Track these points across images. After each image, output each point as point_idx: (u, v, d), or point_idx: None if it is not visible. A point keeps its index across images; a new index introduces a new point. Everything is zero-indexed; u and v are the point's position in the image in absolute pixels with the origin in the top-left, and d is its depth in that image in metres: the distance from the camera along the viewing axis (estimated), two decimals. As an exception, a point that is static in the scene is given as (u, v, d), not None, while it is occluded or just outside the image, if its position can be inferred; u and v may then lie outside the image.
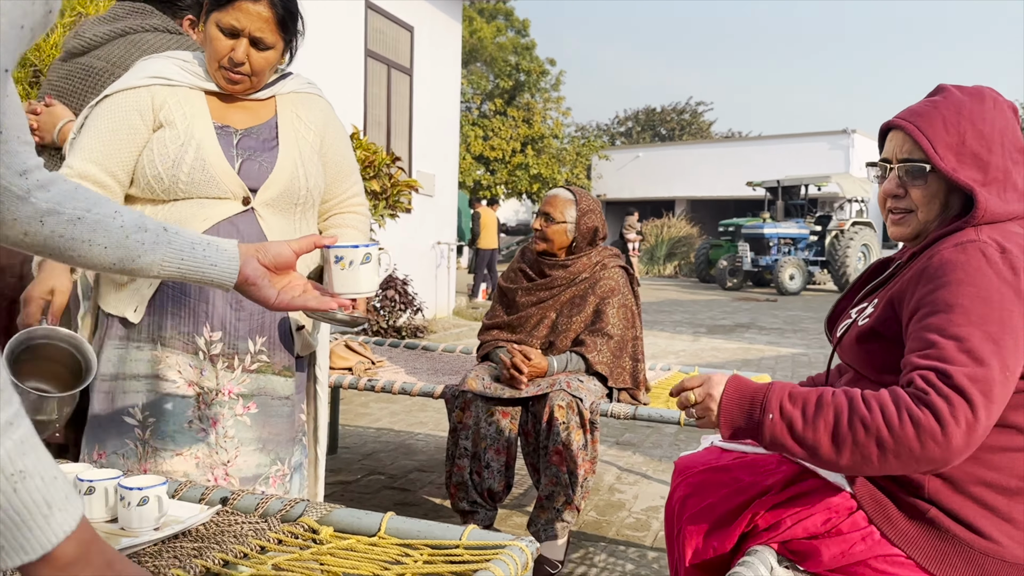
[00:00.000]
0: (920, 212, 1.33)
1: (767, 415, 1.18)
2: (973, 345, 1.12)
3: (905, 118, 1.32)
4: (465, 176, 19.02)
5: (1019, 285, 1.16)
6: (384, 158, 5.61)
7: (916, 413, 1.10)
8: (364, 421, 4.65)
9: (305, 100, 1.79)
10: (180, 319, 1.66)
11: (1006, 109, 1.31)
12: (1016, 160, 1.28)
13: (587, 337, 2.66)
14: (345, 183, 1.85)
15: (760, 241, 17.72)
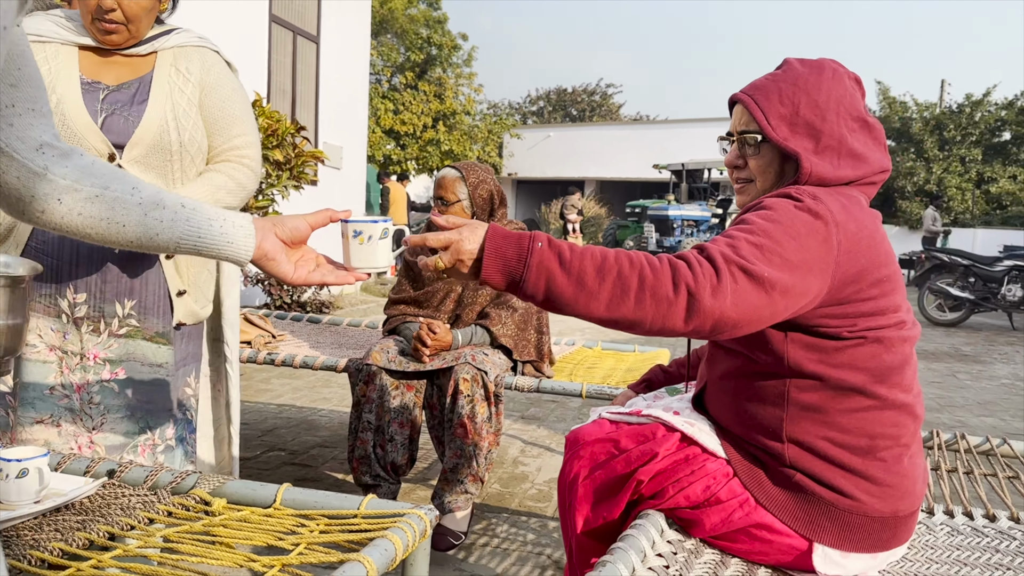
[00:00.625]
0: (758, 181, 1.39)
1: (536, 243, 1.16)
2: (739, 242, 1.16)
3: (745, 91, 1.39)
4: (374, 150, 18.70)
5: (815, 225, 1.19)
6: (288, 127, 5.46)
7: (675, 261, 1.14)
8: (265, 397, 4.55)
9: (188, 53, 1.73)
10: (41, 280, 1.61)
11: (845, 79, 1.36)
12: (852, 128, 1.34)
13: (492, 310, 2.68)
14: (226, 133, 1.76)
15: (665, 223, 18.16)
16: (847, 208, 1.26)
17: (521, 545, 2.60)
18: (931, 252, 10.12)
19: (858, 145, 1.34)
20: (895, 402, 1.29)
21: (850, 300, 1.25)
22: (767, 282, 1.15)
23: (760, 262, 1.15)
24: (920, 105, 21.43)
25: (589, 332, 7.85)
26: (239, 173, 1.75)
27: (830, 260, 1.21)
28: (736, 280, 1.13)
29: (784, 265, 1.17)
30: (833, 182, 1.32)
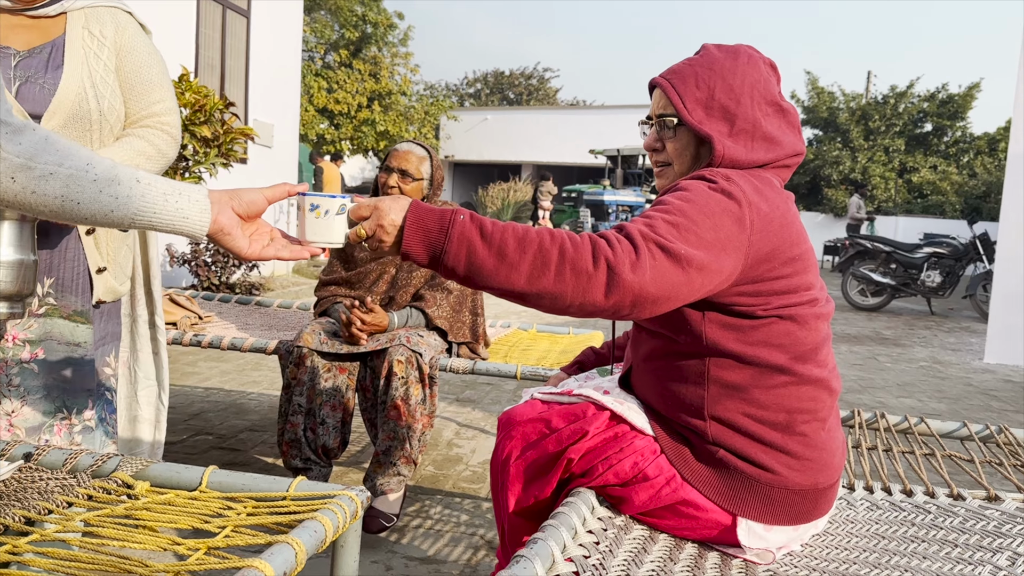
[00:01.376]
0: (675, 163, 1.43)
1: (458, 215, 1.16)
2: (656, 222, 1.18)
3: (664, 76, 1.42)
4: (307, 129, 18.33)
5: (729, 205, 1.23)
6: (216, 103, 5.29)
7: (595, 237, 1.16)
8: (191, 380, 4.44)
9: (100, 15, 1.65)
10: None
11: (761, 64, 1.40)
12: (766, 112, 1.38)
13: (427, 292, 2.66)
14: (144, 99, 1.69)
15: (600, 207, 18.36)
16: (760, 190, 1.29)
17: (454, 526, 2.60)
18: (854, 239, 10.48)
19: (772, 129, 1.38)
20: (811, 377, 1.33)
21: (763, 278, 1.28)
22: (684, 259, 1.17)
23: (677, 240, 1.17)
24: (847, 95, 22.11)
25: (525, 316, 7.88)
26: (159, 140, 1.69)
27: (743, 239, 1.24)
28: (654, 257, 1.15)
29: (699, 243, 1.19)
30: (747, 164, 1.36)
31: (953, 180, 21.21)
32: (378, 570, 2.25)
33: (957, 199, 20.90)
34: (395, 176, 2.65)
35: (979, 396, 5.37)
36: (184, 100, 5.08)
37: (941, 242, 10.25)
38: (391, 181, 2.66)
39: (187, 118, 5.14)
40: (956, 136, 22.17)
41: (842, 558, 1.38)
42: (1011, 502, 1.69)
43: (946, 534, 1.49)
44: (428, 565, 2.31)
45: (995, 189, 19.41)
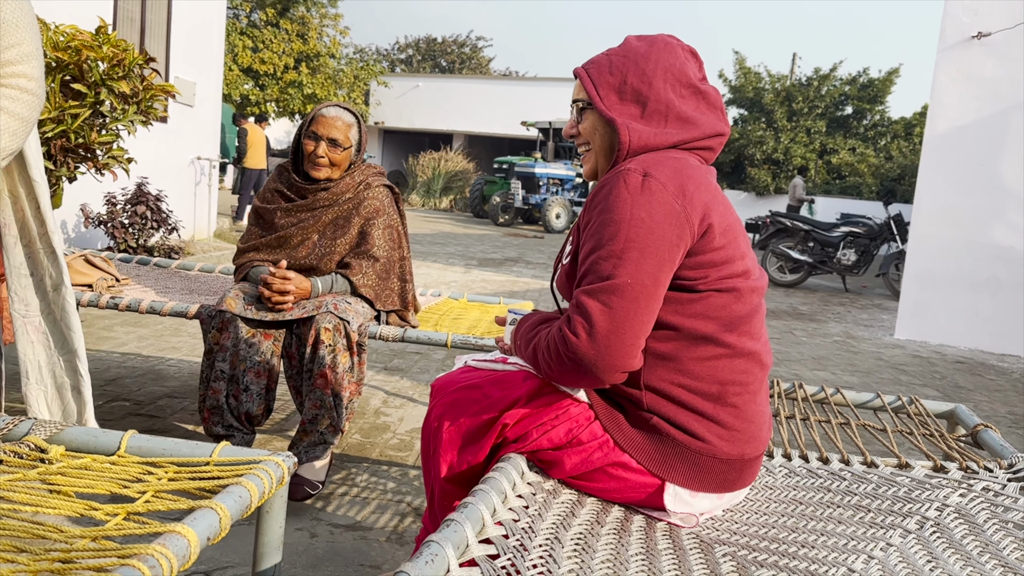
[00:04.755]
0: (593, 145, 1.50)
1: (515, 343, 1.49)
2: (600, 266, 1.29)
3: (583, 66, 1.50)
4: (231, 89, 17.73)
5: (652, 206, 1.30)
6: (136, 58, 5.05)
7: (564, 332, 1.30)
8: (108, 345, 4.27)
9: None
10: None
11: (678, 49, 1.47)
12: (682, 94, 1.44)
13: (352, 260, 2.61)
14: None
15: (531, 180, 18.37)
16: (680, 170, 1.34)
17: (381, 494, 2.59)
18: (776, 217, 10.78)
19: (687, 109, 1.43)
20: (744, 350, 1.37)
21: (702, 251, 1.32)
22: (629, 288, 1.27)
23: (619, 275, 1.27)
24: (773, 76, 22.60)
25: (455, 287, 7.86)
26: (21, 106, 1.44)
27: (681, 223, 1.30)
28: (608, 305, 1.26)
29: (642, 259, 1.27)
30: (659, 145, 1.41)
31: (871, 162, 22.01)
32: (303, 537, 2.22)
33: (874, 181, 21.71)
34: (324, 145, 2.57)
35: (889, 370, 5.63)
36: (101, 54, 4.83)
37: (857, 222, 10.63)
38: (320, 151, 2.56)
39: (104, 72, 4.90)
40: (875, 120, 22.96)
41: (761, 522, 1.43)
42: (920, 469, 1.77)
43: (860, 500, 1.56)
44: (354, 532, 2.29)
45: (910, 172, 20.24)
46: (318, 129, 2.57)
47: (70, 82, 4.90)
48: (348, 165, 2.66)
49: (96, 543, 0.89)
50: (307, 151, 2.58)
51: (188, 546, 0.88)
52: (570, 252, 1.45)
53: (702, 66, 1.49)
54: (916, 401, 2.18)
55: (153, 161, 7.51)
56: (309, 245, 2.62)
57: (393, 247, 2.69)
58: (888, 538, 1.37)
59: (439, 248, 11.61)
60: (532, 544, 1.11)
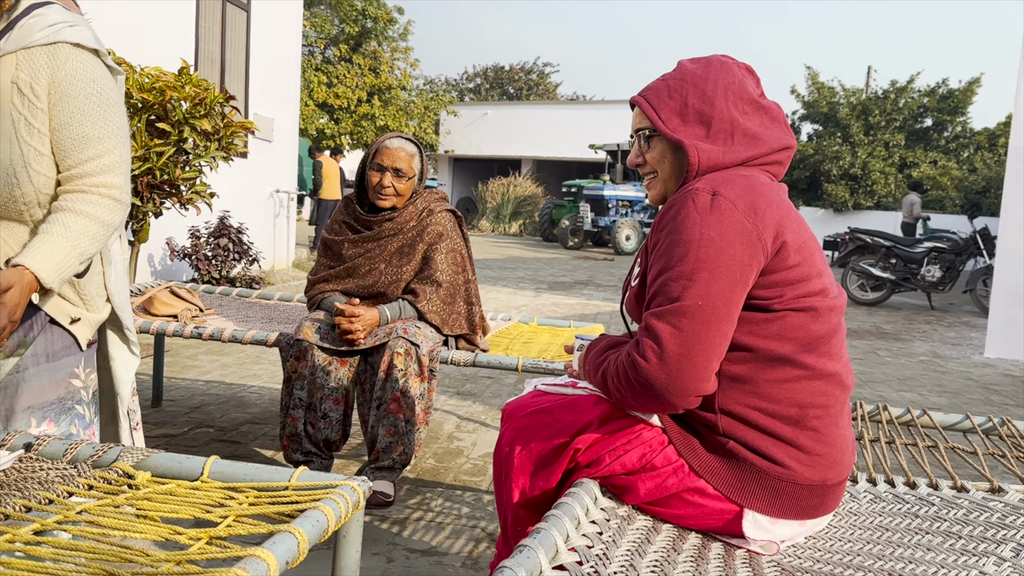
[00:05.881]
0: (659, 172, 1.48)
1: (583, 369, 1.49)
2: (669, 288, 1.28)
3: (640, 93, 1.50)
4: (307, 123, 18.30)
5: (722, 225, 1.27)
6: (217, 96, 5.28)
7: (633, 356, 1.28)
8: (192, 374, 4.43)
9: (34, 59, 1.40)
10: None
11: (735, 68, 1.45)
12: (744, 111, 1.42)
13: (417, 285, 2.64)
14: (75, 156, 1.43)
15: (600, 202, 18.33)
16: (751, 188, 1.32)
17: (456, 519, 2.60)
18: (855, 234, 10.46)
19: (752, 125, 1.41)
20: (824, 371, 1.33)
21: (777, 269, 1.30)
22: (699, 310, 1.25)
23: (688, 296, 1.25)
24: (847, 91, 22.05)
25: (525, 310, 7.87)
26: (102, 210, 1.45)
27: (753, 240, 1.27)
28: (678, 327, 1.25)
29: (712, 279, 1.25)
30: (728, 163, 1.39)
31: (953, 175, 21.18)
32: (379, 562, 2.24)
33: (957, 194, 20.87)
34: (388, 175, 2.62)
35: (979, 390, 5.37)
36: (184, 93, 5.06)
37: (942, 237, 10.23)
38: (385, 181, 2.62)
39: (187, 111, 5.12)
40: (956, 131, 22.12)
41: (846, 550, 1.37)
42: (1015, 494, 1.68)
43: (950, 526, 1.49)
44: (429, 557, 2.30)
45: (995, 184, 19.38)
46: (382, 160, 2.63)
47: (155, 121, 5.14)
48: (411, 194, 2.71)
49: (180, 567, 0.92)
50: (372, 182, 2.64)
51: (268, 570, 0.90)
52: (639, 274, 1.44)
53: (759, 82, 1.48)
54: (1008, 422, 2.07)
55: (234, 195, 7.79)
56: (376, 274, 2.68)
57: (457, 271, 2.71)
58: (981, 566, 1.30)
59: (509, 272, 11.67)
60: (607, 571, 1.09)
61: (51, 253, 1.37)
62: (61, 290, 1.51)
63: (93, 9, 5.69)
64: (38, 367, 1.49)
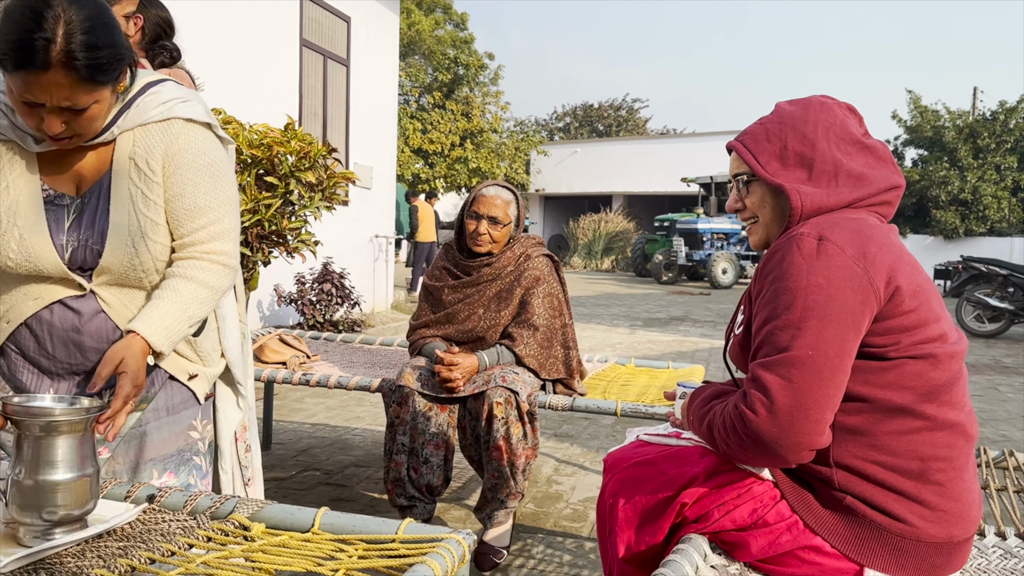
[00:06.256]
0: (760, 218, 1.45)
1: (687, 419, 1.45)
2: (776, 337, 1.24)
3: (737, 138, 1.47)
4: (404, 169, 18.86)
5: (830, 271, 1.23)
6: (320, 149, 5.51)
7: (740, 408, 1.25)
8: (299, 417, 4.58)
9: (150, 135, 1.46)
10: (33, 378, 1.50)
11: (835, 108, 1.41)
12: (848, 151, 1.38)
13: (514, 330, 2.66)
14: (187, 225, 1.48)
15: (694, 236, 18.07)
16: (859, 231, 1.28)
17: (558, 566, 2.57)
18: (969, 262, 9.93)
19: (856, 165, 1.37)
20: (946, 422, 1.26)
21: (891, 315, 1.25)
22: (809, 361, 1.21)
23: (797, 346, 1.22)
24: (952, 113, 21.11)
25: (620, 348, 7.80)
26: (211, 276, 1.50)
27: (864, 286, 1.23)
28: (788, 379, 1.21)
29: (822, 328, 1.22)
30: (833, 206, 1.35)
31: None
32: (482, 610, 2.24)
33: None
34: (485, 223, 2.67)
35: (1120, 430, 4.96)
36: (290, 148, 5.31)
37: (1066, 263, 9.58)
38: (481, 228, 2.67)
39: (292, 164, 5.37)
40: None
41: (978, 612, 1.29)
42: None
43: (1096, 587, 1.37)
44: (532, 606, 2.28)
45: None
46: (479, 208, 2.68)
47: (263, 175, 5.41)
48: (508, 239, 2.75)
49: (296, 621, 0.95)
50: (469, 230, 2.69)
51: (378, 627, 0.91)
52: (742, 322, 1.41)
53: (862, 121, 1.44)
54: None
55: (336, 241, 8.07)
56: (475, 319, 2.71)
57: (554, 315, 2.72)
58: None
59: (603, 310, 11.60)
60: (718, 633, 1.06)
61: (160, 318, 1.43)
62: (179, 347, 1.58)
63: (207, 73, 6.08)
64: (159, 421, 1.56)
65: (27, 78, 1.25)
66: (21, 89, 1.27)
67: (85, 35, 1.26)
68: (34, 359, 1.49)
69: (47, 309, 1.45)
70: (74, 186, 1.46)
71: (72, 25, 1.25)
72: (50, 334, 1.46)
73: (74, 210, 1.45)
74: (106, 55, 1.30)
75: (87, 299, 1.47)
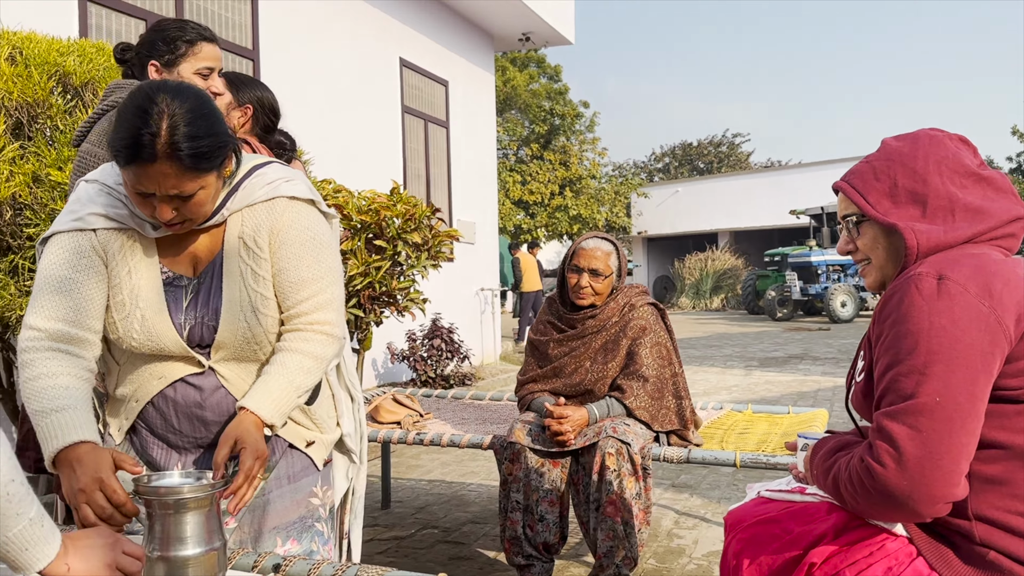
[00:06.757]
0: (873, 259, 1.39)
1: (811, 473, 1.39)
2: (901, 384, 1.18)
3: (843, 178, 1.42)
4: (505, 221, 19.17)
5: (953, 312, 1.16)
6: (424, 210, 5.69)
7: (867, 461, 1.19)
8: (416, 473, 4.65)
9: (257, 215, 1.54)
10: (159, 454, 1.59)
11: (946, 141, 1.34)
12: (964, 184, 1.31)
13: (623, 382, 2.62)
14: (292, 297, 1.54)
15: (808, 269, 17.45)
16: (982, 267, 1.21)
17: (683, 625, 2.48)
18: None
19: (974, 199, 1.30)
20: None
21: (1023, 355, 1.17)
22: (938, 409, 1.15)
23: (922, 393, 1.16)
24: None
25: (737, 391, 7.56)
26: (316, 346, 1.55)
27: (992, 326, 1.16)
28: (916, 428, 1.15)
29: (949, 372, 1.15)
30: (951, 243, 1.28)
31: None
32: (607, 673, 2.18)
33: None
34: (586, 276, 2.67)
35: None
36: (396, 211, 5.51)
37: None
38: (583, 282, 2.67)
39: (399, 227, 5.57)
40: None
41: None
42: None
43: None
44: (659, 669, 2.21)
45: None
46: (579, 262, 2.69)
47: (372, 239, 5.62)
48: (611, 290, 2.73)
49: None
50: (571, 283, 2.70)
51: None
52: (863, 368, 1.35)
53: (976, 152, 1.37)
54: None
55: (444, 296, 8.25)
56: (582, 372, 2.70)
57: (663, 365, 2.67)
58: None
59: (715, 351, 11.31)
60: None
61: (268, 392, 1.49)
62: (295, 416, 1.64)
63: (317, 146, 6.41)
64: (281, 489, 1.62)
65: (137, 171, 1.35)
66: (133, 181, 1.37)
67: (188, 126, 1.35)
68: (162, 435, 1.58)
69: (171, 387, 1.54)
70: (191, 267, 1.55)
71: (175, 118, 1.34)
72: (175, 411, 1.55)
73: (191, 290, 1.53)
74: (208, 143, 1.37)
75: (207, 376, 1.54)
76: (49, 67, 3.11)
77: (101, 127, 2.04)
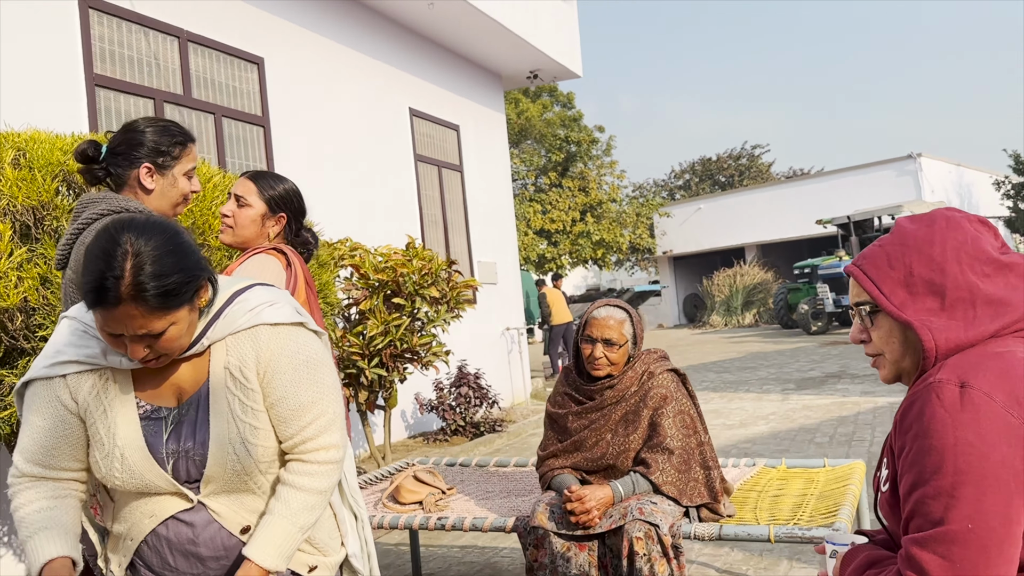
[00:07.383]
0: (887, 353, 1.29)
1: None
2: (928, 508, 1.10)
3: (855, 262, 1.32)
4: (528, 251, 19.12)
5: (980, 425, 1.07)
6: (440, 264, 5.65)
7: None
8: (447, 539, 4.55)
9: (240, 344, 1.50)
10: None
11: (964, 224, 1.24)
12: (985, 272, 1.20)
13: (648, 455, 2.53)
14: (292, 425, 1.51)
15: (840, 280, 17.12)
16: (1007, 370, 1.12)
17: None
18: None
19: (996, 289, 1.20)
20: None
21: None
22: (971, 536, 1.06)
23: (954, 519, 1.07)
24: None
25: (774, 419, 7.37)
26: (320, 480, 1.52)
27: (1023, 435, 1.07)
28: (947, 557, 1.07)
29: (980, 494, 1.06)
30: (973, 340, 1.18)
31: None
32: None
33: None
34: (600, 347, 2.60)
35: None
36: (412, 268, 5.48)
37: None
38: (597, 353, 2.60)
39: (416, 283, 5.53)
40: None
41: None
42: None
43: None
44: None
45: None
46: (592, 332, 2.61)
47: (390, 296, 5.60)
48: (628, 358, 2.65)
49: None
50: (585, 354, 2.62)
51: None
52: (887, 478, 1.25)
53: (998, 234, 1.26)
54: None
55: (468, 341, 8.19)
56: (603, 445, 2.61)
57: (688, 434, 2.57)
58: None
59: (750, 373, 11.10)
60: None
61: (271, 539, 1.47)
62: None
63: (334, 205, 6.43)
64: None
65: (104, 314, 1.33)
66: (101, 323, 1.36)
67: (153, 265, 1.32)
68: (159, 572, 1.55)
69: (163, 525, 1.51)
70: (174, 397, 1.51)
71: (140, 257, 1.32)
72: (169, 548, 1.51)
73: (171, 421, 1.49)
74: (175, 280, 1.34)
75: (197, 511, 1.51)
76: (53, 167, 3.12)
77: (78, 253, 2.02)
